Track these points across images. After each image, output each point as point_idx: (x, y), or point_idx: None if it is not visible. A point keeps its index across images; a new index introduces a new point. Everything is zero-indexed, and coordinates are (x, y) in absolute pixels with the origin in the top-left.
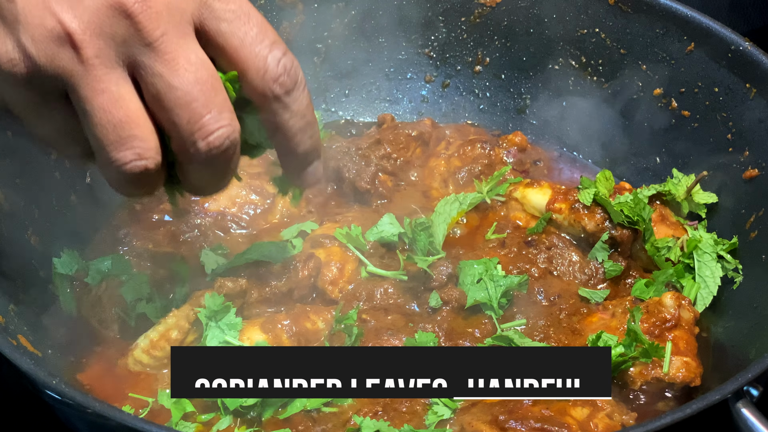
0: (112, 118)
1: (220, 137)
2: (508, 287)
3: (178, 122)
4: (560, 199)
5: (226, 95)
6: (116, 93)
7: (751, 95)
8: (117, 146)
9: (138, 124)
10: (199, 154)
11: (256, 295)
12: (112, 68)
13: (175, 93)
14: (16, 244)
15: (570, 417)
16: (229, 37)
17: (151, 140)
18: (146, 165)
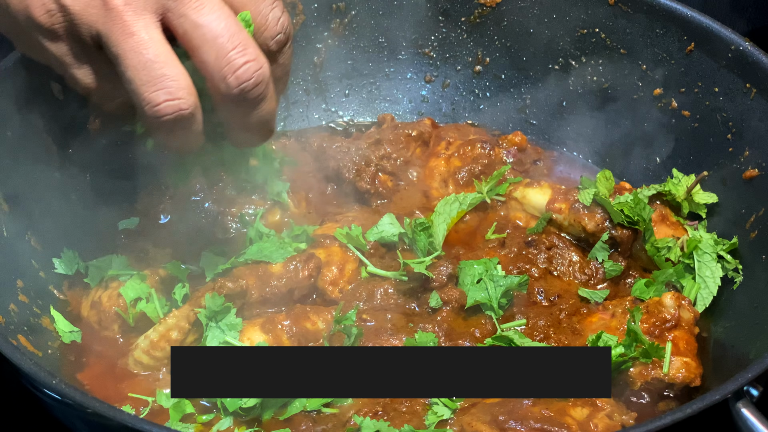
0: (141, 58)
1: (248, 71)
2: (508, 287)
3: (207, 59)
4: (560, 199)
5: (248, 34)
6: (145, 36)
7: (751, 95)
8: (149, 86)
9: (167, 64)
10: (230, 90)
11: (256, 295)
12: (140, 14)
13: (201, 30)
14: (16, 244)
15: (570, 417)
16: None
17: (182, 79)
18: (179, 105)
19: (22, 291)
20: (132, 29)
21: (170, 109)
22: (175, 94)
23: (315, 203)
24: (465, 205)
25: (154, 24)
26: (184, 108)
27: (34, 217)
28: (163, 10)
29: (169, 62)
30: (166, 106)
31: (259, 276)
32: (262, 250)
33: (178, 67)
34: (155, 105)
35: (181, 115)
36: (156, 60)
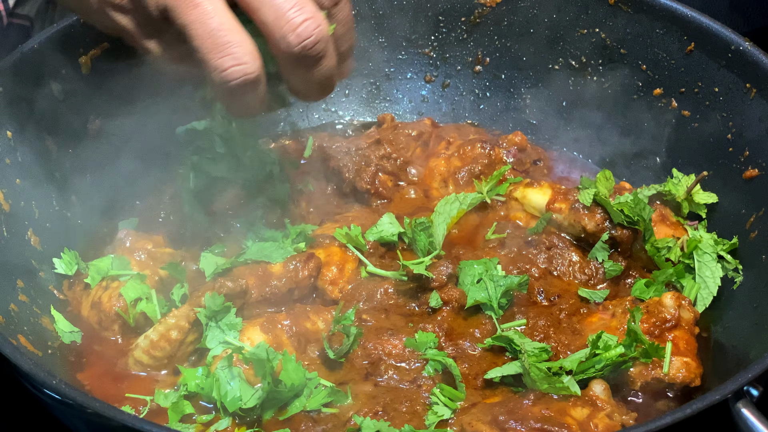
0: (207, 27)
1: (308, 28)
2: (508, 287)
3: (267, 20)
4: (560, 199)
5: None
6: (209, 6)
7: (751, 95)
8: (215, 53)
9: (231, 31)
10: (291, 48)
11: (256, 295)
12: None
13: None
14: (16, 244)
15: (570, 417)
16: None
17: (246, 45)
18: (245, 69)
19: (22, 291)
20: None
21: (237, 74)
22: (240, 59)
23: (315, 203)
24: (465, 204)
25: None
26: (249, 72)
27: (34, 217)
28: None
29: (233, 29)
30: (233, 71)
31: (259, 276)
32: (262, 250)
33: (242, 33)
34: (222, 70)
35: (247, 79)
36: (221, 28)
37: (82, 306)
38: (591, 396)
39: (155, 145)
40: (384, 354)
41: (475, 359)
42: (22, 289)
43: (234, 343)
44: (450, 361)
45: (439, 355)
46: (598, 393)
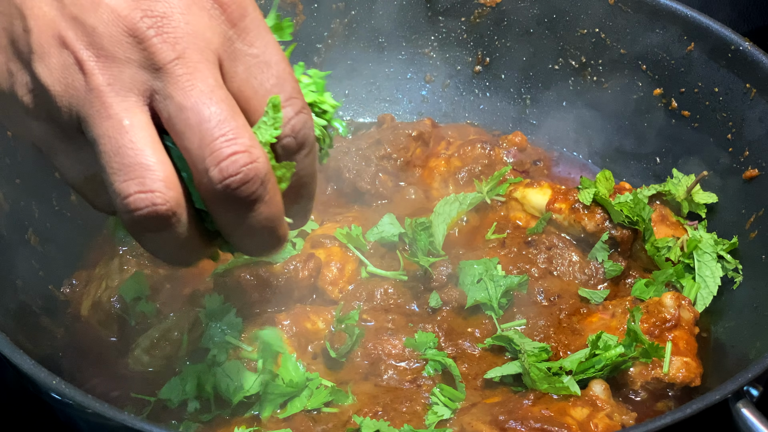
0: (115, 144)
1: (234, 163)
2: (508, 287)
3: (189, 147)
4: (560, 199)
5: (246, 122)
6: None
7: (751, 95)
8: (119, 175)
9: (145, 152)
10: (213, 185)
11: (256, 295)
12: (123, 96)
13: (185, 114)
14: (16, 244)
15: (570, 417)
16: (244, 84)
17: (161, 170)
18: (152, 199)
19: (22, 291)
20: (111, 111)
21: (141, 203)
22: (148, 185)
23: (315, 203)
24: (465, 205)
25: (139, 107)
26: (159, 203)
27: (34, 217)
28: (150, 92)
29: (147, 150)
30: (136, 199)
31: (259, 276)
32: None
33: (159, 156)
34: (125, 197)
35: (155, 211)
36: (131, 146)
37: (82, 306)
38: (591, 396)
39: None
40: (384, 354)
41: (475, 359)
42: (22, 289)
43: (234, 343)
44: (450, 361)
45: (439, 355)
46: (598, 393)
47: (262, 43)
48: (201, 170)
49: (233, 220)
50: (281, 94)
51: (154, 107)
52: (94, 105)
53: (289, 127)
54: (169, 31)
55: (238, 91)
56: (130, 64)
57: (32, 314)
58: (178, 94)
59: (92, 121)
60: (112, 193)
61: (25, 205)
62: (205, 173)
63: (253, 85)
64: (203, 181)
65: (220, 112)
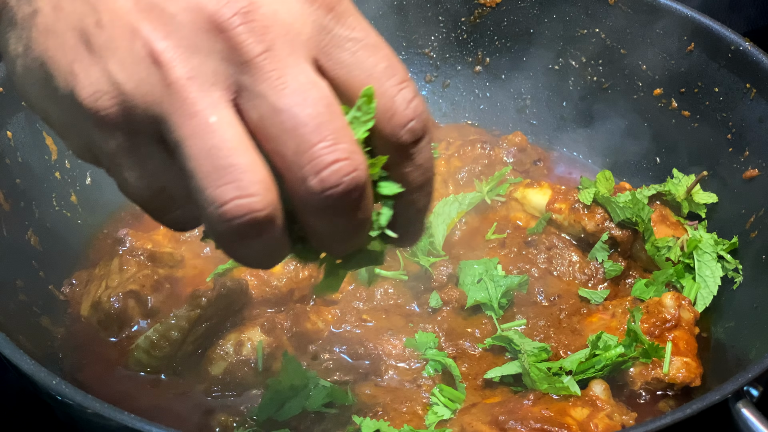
0: (205, 144)
1: (336, 173)
2: (508, 287)
3: (285, 153)
4: (560, 199)
5: (345, 123)
6: (211, 116)
7: (751, 95)
8: (212, 180)
9: (238, 152)
10: (311, 195)
11: (256, 295)
12: (206, 91)
13: (279, 116)
14: (16, 244)
15: (570, 417)
16: (353, 70)
17: (257, 171)
18: (251, 205)
19: (22, 291)
20: (195, 108)
21: (240, 210)
22: (246, 189)
23: None
24: (464, 204)
25: (225, 103)
26: (257, 209)
27: (34, 217)
28: (236, 88)
29: (240, 149)
30: (235, 206)
31: (259, 276)
32: None
33: (253, 155)
34: (221, 204)
35: (254, 218)
36: (223, 146)
37: (82, 306)
38: (591, 396)
39: None
40: (384, 354)
41: (475, 359)
42: (22, 289)
43: None
44: (450, 361)
45: (439, 355)
46: (598, 393)
47: (363, 26)
48: (298, 178)
49: (327, 227)
50: (394, 78)
51: (240, 106)
52: (175, 102)
53: (411, 110)
54: (256, 20)
55: (345, 80)
56: (212, 56)
57: (32, 314)
58: (270, 94)
59: (175, 119)
60: (204, 201)
61: (25, 205)
62: (302, 182)
63: (364, 70)
64: (299, 190)
65: (318, 114)
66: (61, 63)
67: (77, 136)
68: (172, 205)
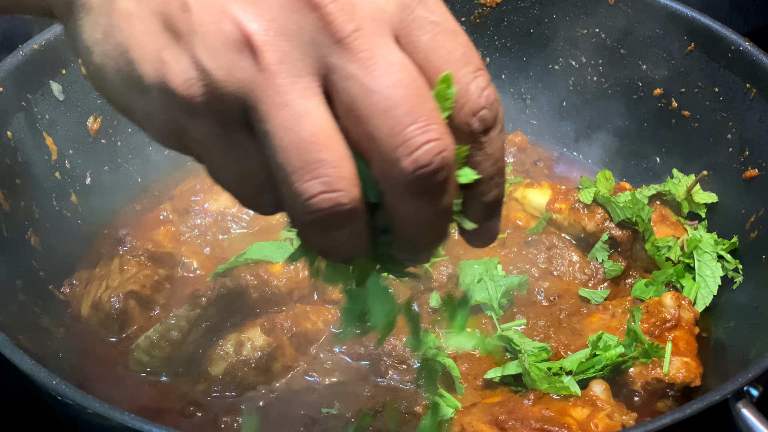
0: (295, 138)
1: (428, 152)
2: (508, 287)
3: (377, 135)
4: (560, 199)
5: (435, 105)
6: (301, 107)
7: (751, 95)
8: (301, 174)
9: (327, 146)
10: (403, 176)
11: (256, 295)
12: (297, 76)
13: (372, 98)
14: (16, 244)
15: (570, 417)
16: (431, 54)
17: (345, 167)
18: (337, 199)
19: (22, 291)
20: (286, 97)
21: (326, 204)
22: (333, 184)
23: None
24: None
25: (314, 89)
26: (343, 203)
27: (34, 217)
28: (325, 70)
29: (330, 143)
30: (321, 200)
31: (259, 276)
32: (262, 250)
33: (342, 150)
34: (307, 198)
35: (339, 211)
36: (313, 140)
37: (82, 306)
38: (591, 396)
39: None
40: (384, 354)
41: (475, 359)
42: (22, 289)
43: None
44: (450, 361)
45: (439, 355)
46: (598, 393)
47: (442, 9)
48: (389, 160)
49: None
50: (470, 65)
51: (328, 89)
52: (266, 90)
53: (484, 98)
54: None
55: (423, 63)
56: (302, 37)
57: (32, 314)
58: (362, 75)
59: (265, 110)
60: (290, 193)
61: (25, 205)
62: (394, 163)
63: (441, 55)
64: (390, 172)
65: (410, 95)
66: (148, 50)
67: (163, 124)
68: (260, 191)
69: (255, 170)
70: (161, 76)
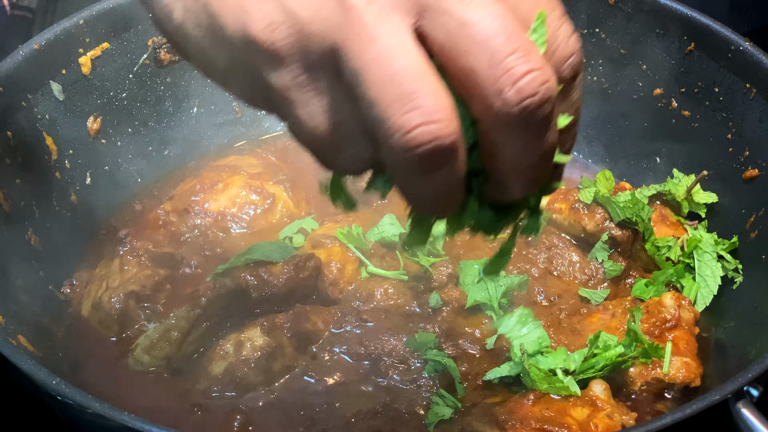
0: (388, 70)
1: (533, 82)
2: (508, 287)
3: (477, 67)
4: (560, 199)
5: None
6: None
7: (751, 95)
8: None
9: (422, 77)
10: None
11: (256, 295)
12: (386, 14)
13: (469, 29)
14: (16, 244)
15: (570, 417)
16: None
17: (441, 98)
18: (437, 131)
19: (22, 291)
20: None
21: (426, 137)
22: (432, 115)
23: (315, 203)
24: None
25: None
26: (443, 135)
27: (34, 217)
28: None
29: (425, 75)
30: (420, 133)
31: (259, 276)
32: (262, 250)
33: (437, 83)
34: (406, 132)
35: (439, 145)
36: (406, 72)
37: (82, 306)
38: (591, 396)
39: (156, 145)
40: (384, 354)
41: (475, 359)
42: (22, 289)
43: None
44: (450, 361)
45: (439, 355)
46: (598, 393)
47: None
48: (492, 92)
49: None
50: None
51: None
52: (354, 29)
53: (572, 45)
54: None
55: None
56: None
57: (32, 314)
58: (456, 9)
59: (354, 47)
60: (386, 131)
61: (25, 205)
62: (497, 95)
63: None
64: (494, 105)
65: (507, 25)
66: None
67: (246, 77)
68: (346, 144)
69: (343, 119)
70: (243, 22)
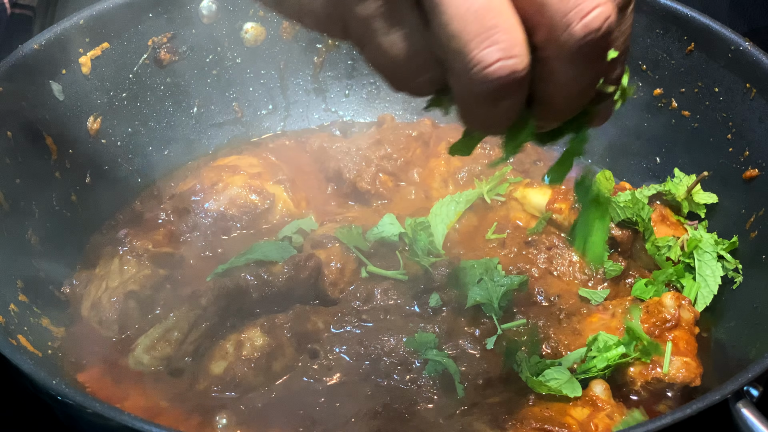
0: (470, 5)
1: (599, 17)
2: (508, 287)
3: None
4: (560, 199)
5: None
6: None
7: (751, 95)
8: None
9: (502, 13)
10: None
11: (256, 295)
12: None
13: None
14: (16, 244)
15: (570, 417)
16: None
17: (519, 34)
18: (514, 66)
19: (22, 291)
20: None
21: (504, 71)
22: (510, 50)
23: (315, 203)
24: (462, 203)
25: None
26: (519, 69)
27: (34, 217)
28: None
29: (503, 10)
30: (500, 68)
31: (259, 276)
32: (262, 250)
33: (514, 17)
34: (486, 66)
35: (514, 78)
36: (488, 6)
37: (82, 306)
38: (591, 396)
39: (155, 145)
40: (384, 354)
41: (475, 359)
42: (22, 289)
43: None
44: (450, 361)
45: (439, 355)
46: (598, 393)
47: None
48: (560, 26)
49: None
50: None
51: None
52: None
53: None
54: None
55: None
56: None
57: (32, 314)
58: None
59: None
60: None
61: (25, 205)
62: (564, 28)
63: None
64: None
65: None
66: None
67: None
68: (421, 70)
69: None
70: None
